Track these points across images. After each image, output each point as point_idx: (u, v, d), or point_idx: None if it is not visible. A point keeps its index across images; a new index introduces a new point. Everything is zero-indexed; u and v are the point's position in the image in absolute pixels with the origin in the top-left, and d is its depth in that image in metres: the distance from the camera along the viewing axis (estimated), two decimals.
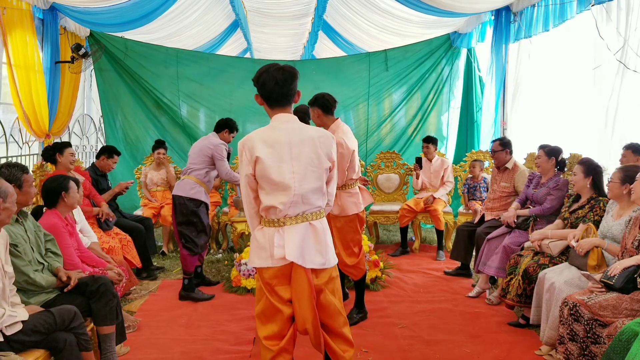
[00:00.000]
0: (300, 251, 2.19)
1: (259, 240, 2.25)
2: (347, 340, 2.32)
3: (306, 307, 2.19)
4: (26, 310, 2.51)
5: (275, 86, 2.23)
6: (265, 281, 2.23)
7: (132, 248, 4.46)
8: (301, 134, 2.23)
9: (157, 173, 5.81)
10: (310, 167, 2.22)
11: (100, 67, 6.51)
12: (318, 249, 2.24)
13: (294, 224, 2.21)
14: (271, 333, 2.24)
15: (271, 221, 2.23)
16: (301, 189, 2.19)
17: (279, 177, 2.17)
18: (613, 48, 3.99)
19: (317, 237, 2.25)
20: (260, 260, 2.23)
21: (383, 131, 7.05)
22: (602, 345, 2.58)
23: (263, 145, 2.17)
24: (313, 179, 2.23)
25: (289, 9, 7.35)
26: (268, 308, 2.25)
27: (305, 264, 2.19)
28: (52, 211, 3.26)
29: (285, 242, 2.18)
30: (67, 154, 4.21)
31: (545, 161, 4.08)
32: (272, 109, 2.29)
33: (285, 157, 2.18)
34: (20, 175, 2.76)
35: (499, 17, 5.76)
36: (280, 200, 2.18)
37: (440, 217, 5.51)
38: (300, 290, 2.19)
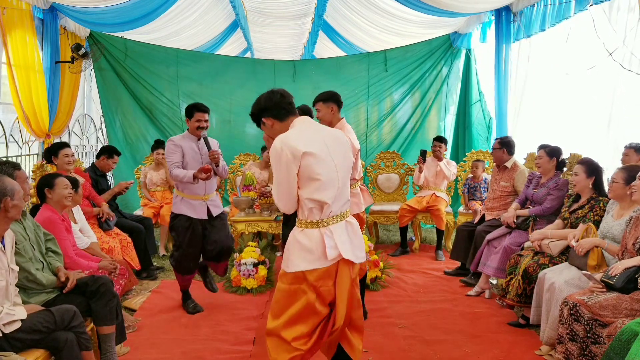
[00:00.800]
0: (351, 248, 2.25)
1: (304, 243, 2.21)
2: (360, 330, 2.39)
3: (344, 305, 2.23)
4: (25, 309, 2.51)
5: (282, 98, 2.30)
6: (311, 283, 2.20)
7: (131, 249, 4.46)
8: (329, 133, 2.33)
9: (156, 173, 5.81)
10: (347, 161, 2.33)
11: (100, 67, 6.51)
12: (360, 244, 2.34)
13: (337, 222, 2.25)
14: (300, 334, 2.22)
15: (314, 222, 2.22)
16: (342, 181, 2.27)
17: (327, 170, 2.20)
18: (610, 48, 4.00)
19: (355, 232, 2.34)
20: (307, 263, 2.19)
21: (383, 131, 7.05)
22: (602, 345, 2.58)
23: (303, 143, 2.17)
24: (348, 170, 2.34)
25: (289, 9, 7.35)
26: (304, 309, 2.21)
27: (356, 260, 2.26)
28: (45, 206, 3.32)
29: (337, 242, 2.20)
30: (61, 156, 4.21)
31: (547, 161, 4.08)
32: (285, 121, 2.30)
33: (325, 152, 2.22)
34: (12, 172, 2.78)
35: (499, 17, 5.76)
36: (328, 195, 2.20)
37: (443, 217, 5.51)
38: (344, 287, 2.23)
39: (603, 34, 4.11)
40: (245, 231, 5.14)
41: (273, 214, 5.19)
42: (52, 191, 3.30)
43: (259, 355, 3.23)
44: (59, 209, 3.35)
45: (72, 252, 3.29)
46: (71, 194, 3.40)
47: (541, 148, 4.15)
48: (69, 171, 4.25)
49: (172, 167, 3.59)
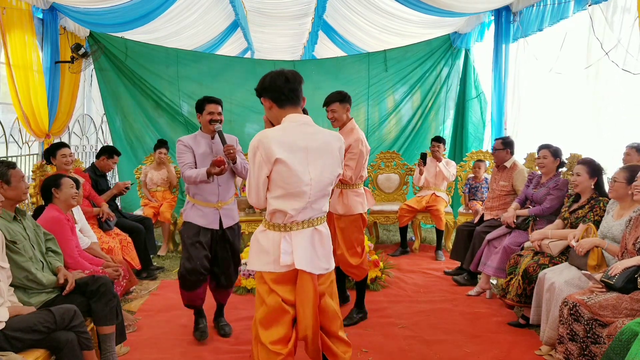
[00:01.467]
0: (309, 258, 2.14)
1: (262, 244, 2.18)
2: (345, 342, 2.32)
3: (309, 314, 2.14)
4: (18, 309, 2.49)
5: (286, 83, 2.18)
6: (269, 285, 2.17)
7: (131, 249, 4.46)
8: (317, 139, 2.17)
9: (157, 173, 5.81)
10: (325, 174, 2.18)
11: (100, 67, 6.51)
12: (324, 254, 2.22)
13: (300, 229, 2.15)
14: (277, 337, 2.16)
15: (276, 225, 2.16)
16: (315, 195, 2.16)
17: (296, 183, 2.10)
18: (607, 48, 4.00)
19: (323, 242, 2.22)
20: (262, 265, 2.17)
21: (383, 131, 7.05)
22: (602, 345, 2.58)
23: (281, 149, 2.07)
24: (326, 185, 2.20)
25: (289, 9, 7.35)
26: (273, 310, 2.16)
27: (314, 271, 2.15)
28: (51, 205, 3.33)
29: (294, 249, 2.12)
30: (59, 156, 4.22)
31: (552, 161, 4.05)
32: (284, 108, 2.19)
33: (302, 163, 2.11)
34: (6, 171, 2.76)
35: (499, 17, 5.77)
36: (293, 206, 2.12)
37: (442, 217, 5.51)
38: (305, 297, 2.13)
39: (601, 33, 4.11)
40: (245, 231, 5.14)
41: None
42: (60, 191, 3.31)
43: None
44: (65, 209, 3.36)
45: (76, 253, 3.29)
46: (77, 193, 3.42)
47: (545, 148, 4.10)
48: (68, 171, 4.25)
49: (184, 169, 3.20)
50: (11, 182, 2.76)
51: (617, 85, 4.11)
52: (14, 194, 2.77)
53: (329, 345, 2.26)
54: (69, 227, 3.30)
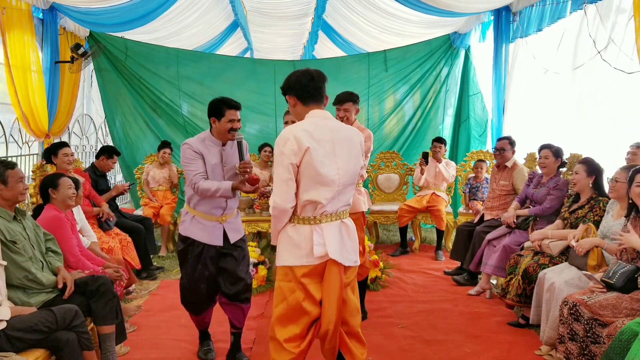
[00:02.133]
0: (340, 249, 2.19)
1: (294, 238, 2.20)
2: (362, 342, 2.32)
3: (334, 307, 2.17)
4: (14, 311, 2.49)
5: (311, 81, 2.25)
6: (299, 280, 2.18)
7: (131, 249, 4.46)
8: (340, 133, 2.25)
9: (159, 171, 5.82)
10: (351, 164, 2.25)
11: (100, 68, 6.51)
12: (352, 247, 2.27)
13: (330, 221, 2.21)
14: (292, 335, 2.19)
15: (306, 219, 2.20)
16: (343, 184, 2.22)
17: (327, 170, 2.16)
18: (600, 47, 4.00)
19: (350, 235, 2.27)
20: (295, 259, 2.19)
21: (383, 131, 7.05)
22: (602, 345, 2.58)
23: (310, 139, 2.14)
24: (352, 174, 2.27)
25: (289, 9, 7.35)
26: (293, 309, 2.19)
27: (344, 262, 2.19)
28: (49, 205, 3.32)
29: (326, 240, 2.16)
30: (60, 155, 4.22)
31: (553, 162, 4.06)
32: (308, 105, 2.26)
33: (330, 154, 2.18)
34: (4, 171, 2.74)
35: (498, 17, 5.77)
36: (324, 195, 2.17)
37: (443, 217, 5.51)
38: (332, 289, 2.17)
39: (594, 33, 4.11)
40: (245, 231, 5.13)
41: None
42: (57, 191, 3.31)
43: (259, 355, 3.23)
44: (63, 209, 3.35)
45: (78, 251, 3.28)
46: (75, 193, 3.41)
47: (546, 148, 4.10)
48: (68, 171, 4.25)
49: (197, 179, 2.79)
50: (8, 182, 2.74)
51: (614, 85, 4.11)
52: (10, 194, 2.75)
53: (347, 344, 2.27)
54: (69, 225, 3.30)
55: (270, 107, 6.82)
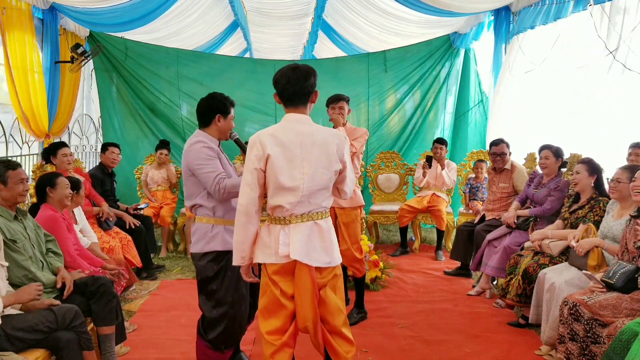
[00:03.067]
0: (305, 249, 2.19)
1: (264, 238, 2.26)
2: (348, 340, 2.32)
3: (308, 305, 2.19)
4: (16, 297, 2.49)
5: (287, 85, 2.24)
6: (269, 276, 2.25)
7: (132, 248, 4.46)
8: (312, 136, 2.22)
9: (158, 172, 5.82)
10: (320, 169, 2.21)
11: (100, 67, 6.51)
12: (324, 247, 2.25)
13: (300, 222, 2.22)
14: (273, 328, 2.25)
15: (277, 219, 2.24)
16: (309, 190, 2.21)
17: (288, 178, 2.17)
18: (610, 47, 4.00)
19: (323, 236, 2.26)
20: (265, 256, 2.24)
21: (383, 131, 7.04)
22: (602, 345, 2.58)
23: (274, 144, 2.17)
24: (322, 180, 2.23)
25: (289, 9, 7.35)
26: (271, 303, 2.26)
27: (311, 262, 2.19)
28: (46, 205, 3.31)
29: (291, 241, 2.19)
30: (60, 156, 4.22)
31: (554, 162, 4.05)
32: (286, 106, 2.29)
33: (296, 158, 2.18)
34: (4, 172, 2.73)
35: (498, 17, 5.77)
36: (288, 200, 2.19)
37: (443, 217, 5.52)
38: (302, 288, 2.19)
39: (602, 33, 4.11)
40: None
41: None
42: (54, 190, 3.30)
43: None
44: (59, 208, 3.35)
45: (74, 251, 3.27)
46: (71, 193, 3.40)
47: (546, 148, 4.09)
48: (68, 171, 4.25)
49: (219, 179, 2.53)
50: (7, 183, 2.73)
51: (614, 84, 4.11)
52: (9, 195, 2.74)
53: (331, 342, 2.28)
54: (65, 225, 3.29)
55: (270, 107, 6.81)
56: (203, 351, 2.65)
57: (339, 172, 2.30)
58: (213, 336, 2.59)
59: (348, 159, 2.32)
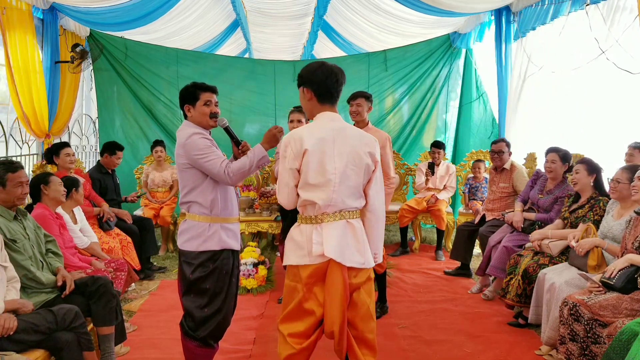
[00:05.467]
0: (339, 248, 2.14)
1: (296, 239, 2.21)
2: (373, 349, 2.25)
3: (337, 308, 2.13)
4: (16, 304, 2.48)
5: (335, 83, 2.24)
6: (304, 280, 2.18)
7: (131, 249, 4.45)
8: (345, 132, 2.21)
9: (158, 174, 5.81)
10: (351, 165, 2.18)
11: (99, 67, 6.51)
12: (358, 248, 2.20)
13: (332, 221, 2.17)
14: (296, 331, 2.19)
15: (308, 218, 2.20)
16: (340, 186, 2.17)
17: (321, 172, 2.15)
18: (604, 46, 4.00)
19: (356, 236, 2.21)
20: (298, 259, 2.18)
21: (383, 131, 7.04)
22: (602, 345, 2.58)
23: (312, 138, 2.16)
24: (352, 178, 2.20)
25: (289, 9, 7.34)
26: (299, 309, 2.19)
27: (344, 262, 2.14)
28: (39, 204, 3.32)
29: (324, 239, 2.14)
30: (62, 155, 4.22)
31: (560, 166, 3.97)
32: (323, 104, 2.25)
33: (328, 153, 2.16)
34: (4, 174, 2.70)
35: (499, 17, 5.76)
36: (319, 195, 2.15)
37: (443, 217, 5.52)
38: (333, 289, 2.13)
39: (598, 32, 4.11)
40: (245, 231, 5.14)
41: (273, 214, 5.19)
42: (48, 187, 3.31)
43: (259, 355, 3.24)
44: (53, 207, 3.35)
45: (64, 251, 3.25)
46: (65, 190, 3.40)
47: (553, 152, 3.97)
48: (69, 170, 4.26)
49: (224, 164, 2.46)
50: (6, 185, 2.70)
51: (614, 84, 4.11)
52: (7, 197, 2.72)
53: (355, 349, 2.21)
54: (56, 224, 3.28)
55: (270, 107, 6.82)
56: (193, 352, 2.59)
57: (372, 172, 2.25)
58: (204, 334, 2.55)
59: (379, 160, 2.29)
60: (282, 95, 6.77)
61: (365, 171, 2.22)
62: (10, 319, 2.36)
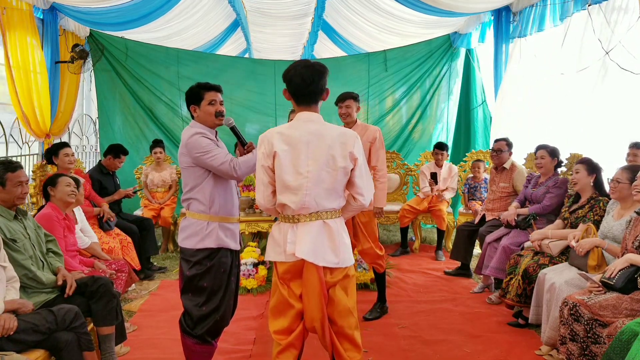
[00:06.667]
0: (313, 249, 2.17)
1: (275, 236, 2.27)
2: (356, 345, 2.26)
3: (315, 305, 2.17)
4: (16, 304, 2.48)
5: (302, 83, 2.20)
6: (280, 275, 2.25)
7: (131, 250, 4.45)
8: (321, 134, 2.19)
9: (158, 174, 5.81)
10: (326, 168, 2.17)
11: (100, 68, 6.50)
12: (332, 248, 2.21)
13: (308, 221, 2.20)
14: (281, 327, 2.24)
15: (286, 217, 2.24)
16: (314, 189, 2.17)
17: (292, 176, 2.17)
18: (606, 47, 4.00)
19: (332, 236, 2.22)
20: (275, 255, 2.25)
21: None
22: (602, 345, 2.58)
23: (282, 143, 2.17)
24: (327, 180, 2.19)
25: (289, 9, 7.34)
26: (280, 302, 2.26)
27: (317, 262, 2.16)
28: (49, 204, 3.35)
29: (297, 239, 2.18)
30: (61, 156, 4.22)
31: (549, 161, 4.09)
32: (299, 105, 2.27)
33: (301, 156, 2.16)
34: (3, 174, 2.70)
35: (499, 17, 5.77)
36: (291, 199, 2.18)
37: (444, 217, 5.52)
38: (310, 287, 2.17)
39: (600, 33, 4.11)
40: (245, 231, 5.14)
41: None
42: (55, 189, 3.33)
43: (259, 355, 3.24)
44: (63, 208, 3.36)
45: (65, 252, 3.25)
46: (74, 191, 3.41)
47: (542, 148, 4.15)
48: (69, 170, 4.25)
49: (229, 160, 2.51)
50: (6, 185, 2.71)
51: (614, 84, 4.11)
52: (7, 197, 2.72)
53: (337, 345, 2.23)
54: (61, 225, 3.29)
55: (270, 107, 6.82)
56: (191, 349, 2.63)
57: (351, 171, 2.22)
58: (201, 332, 2.58)
59: (362, 158, 2.24)
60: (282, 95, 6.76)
61: (342, 173, 2.21)
62: (10, 319, 2.37)
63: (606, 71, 4.10)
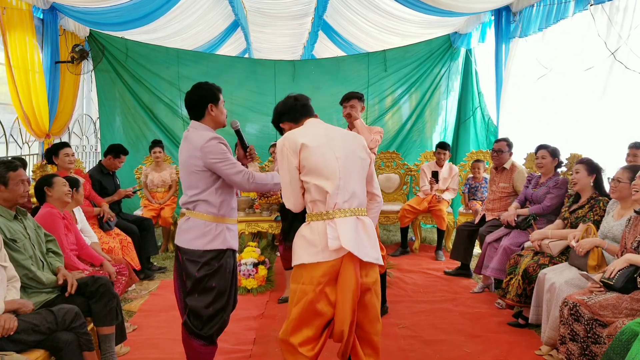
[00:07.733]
0: (355, 242, 2.13)
1: (308, 237, 2.18)
2: (376, 350, 2.26)
3: (348, 307, 2.11)
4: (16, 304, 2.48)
5: (295, 101, 2.42)
6: (317, 280, 2.14)
7: (131, 250, 4.46)
8: (333, 130, 2.33)
9: (157, 174, 5.81)
10: (351, 156, 2.25)
11: (100, 68, 6.50)
12: (370, 243, 2.21)
13: (344, 217, 2.17)
14: (306, 338, 2.16)
15: (319, 214, 2.18)
16: (345, 175, 2.20)
17: (324, 162, 2.17)
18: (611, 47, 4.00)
19: (368, 232, 2.21)
20: (310, 257, 2.14)
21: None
22: (602, 345, 2.58)
23: (304, 134, 2.23)
24: (354, 169, 2.24)
25: (289, 9, 7.34)
26: (307, 311, 2.15)
27: (361, 256, 2.13)
28: (46, 204, 3.34)
29: (340, 233, 2.12)
30: (62, 156, 4.22)
31: (550, 162, 4.10)
32: (300, 121, 2.40)
33: (327, 146, 2.22)
34: (5, 173, 2.71)
35: (499, 17, 5.77)
36: (329, 185, 2.17)
37: (444, 217, 5.52)
38: (346, 287, 2.11)
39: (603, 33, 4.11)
40: (245, 231, 5.14)
41: (273, 214, 5.19)
42: (52, 189, 3.32)
43: (259, 355, 3.24)
44: (60, 207, 3.36)
45: (68, 250, 3.27)
46: (70, 191, 3.41)
47: (543, 148, 4.15)
48: (69, 170, 4.26)
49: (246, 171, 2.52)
50: (8, 184, 2.72)
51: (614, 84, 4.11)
52: (10, 196, 2.73)
53: (357, 349, 2.21)
54: (63, 224, 3.29)
55: (270, 107, 6.78)
56: (198, 351, 2.60)
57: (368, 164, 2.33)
58: (210, 332, 2.58)
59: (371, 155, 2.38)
60: (282, 95, 6.71)
61: (364, 164, 2.31)
62: (11, 319, 2.37)
63: (609, 71, 4.10)
